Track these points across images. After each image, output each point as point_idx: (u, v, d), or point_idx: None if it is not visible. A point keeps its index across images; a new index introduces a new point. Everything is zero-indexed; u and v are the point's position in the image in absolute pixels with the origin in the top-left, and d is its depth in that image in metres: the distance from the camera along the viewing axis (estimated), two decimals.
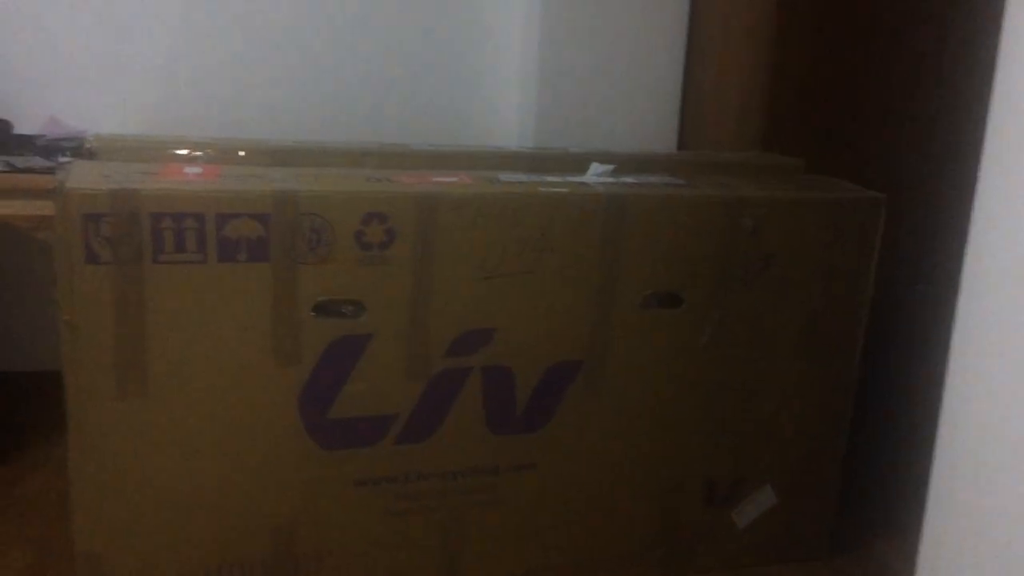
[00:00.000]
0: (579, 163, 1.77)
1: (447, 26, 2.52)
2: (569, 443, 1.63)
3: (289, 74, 2.45)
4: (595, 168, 1.71)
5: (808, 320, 1.71)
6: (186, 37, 2.36)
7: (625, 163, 1.77)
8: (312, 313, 1.47)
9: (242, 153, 1.69)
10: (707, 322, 1.65)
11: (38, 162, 1.86)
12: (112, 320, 1.41)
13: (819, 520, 1.86)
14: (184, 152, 1.70)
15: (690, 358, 1.66)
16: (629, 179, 1.68)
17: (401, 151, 1.79)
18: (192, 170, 1.55)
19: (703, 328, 1.65)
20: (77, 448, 1.43)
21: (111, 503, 1.45)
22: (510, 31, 2.51)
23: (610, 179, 1.67)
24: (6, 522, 1.84)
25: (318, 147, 1.79)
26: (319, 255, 1.45)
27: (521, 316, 1.55)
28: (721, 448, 1.74)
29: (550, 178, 1.65)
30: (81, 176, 1.43)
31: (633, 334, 1.61)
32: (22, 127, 2.20)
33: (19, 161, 1.85)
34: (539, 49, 2.35)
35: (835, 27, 2.49)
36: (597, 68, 2.38)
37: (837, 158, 2.27)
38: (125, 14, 2.31)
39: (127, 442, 1.44)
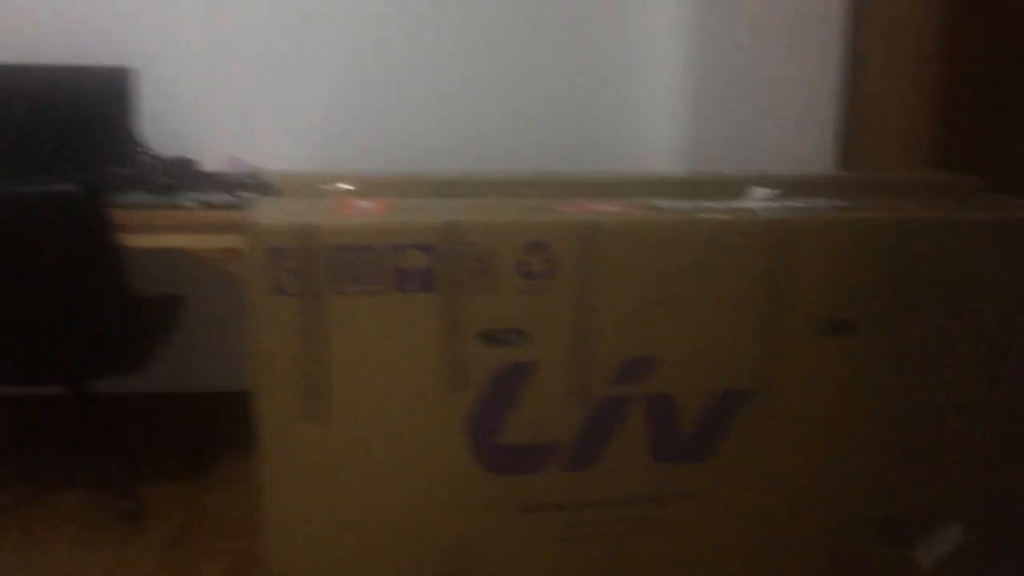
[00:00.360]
0: (737, 187, 1.74)
1: (597, 52, 2.55)
2: (736, 473, 1.60)
3: (448, 108, 2.54)
4: (756, 192, 1.68)
5: (990, 344, 1.61)
6: (352, 78, 2.49)
7: (786, 186, 1.73)
8: (477, 341, 1.51)
9: (407, 186, 1.76)
10: (882, 349, 1.59)
11: (223, 198, 2.01)
12: (297, 348, 1.49)
13: (1013, 560, 1.74)
14: (355, 187, 1.79)
15: (865, 387, 1.59)
16: (794, 203, 1.64)
17: (557, 179, 1.82)
18: (364, 204, 1.63)
19: (878, 356, 1.59)
20: (267, 470, 1.52)
21: (298, 525, 1.53)
22: (661, 51, 2.50)
23: (773, 203, 1.64)
24: (198, 536, 1.98)
25: (478, 177, 1.84)
26: (483, 284, 1.49)
27: (684, 344, 1.53)
28: (901, 482, 1.65)
29: (710, 204, 1.63)
30: (266, 213, 1.53)
31: (803, 362, 1.56)
32: (206, 165, 2.39)
33: (207, 198, 2.01)
34: (692, 70, 2.33)
35: (1013, 37, 2.35)
36: (751, 87, 2.34)
37: (1017, 175, 2.13)
38: (297, 59, 2.47)
39: (312, 465, 1.52)
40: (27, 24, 2.39)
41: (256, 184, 2.13)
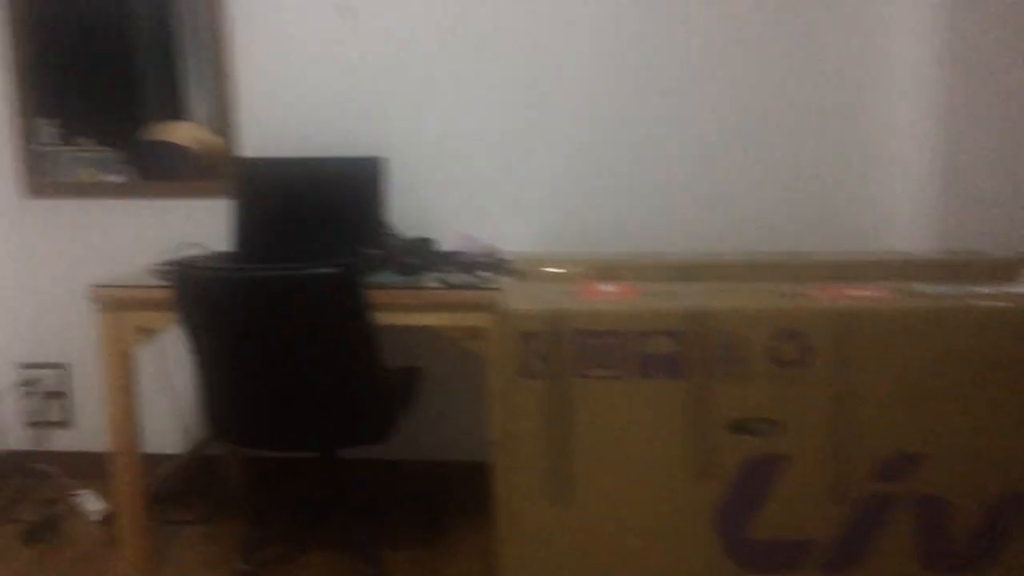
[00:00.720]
0: (1004, 268, 1.61)
1: (835, 130, 2.48)
2: None
3: (679, 187, 2.54)
4: None
5: None
6: (581, 159, 2.56)
7: None
8: (726, 430, 1.47)
9: (645, 268, 1.77)
10: None
11: (463, 278, 2.11)
12: (542, 429, 1.52)
13: None
14: (591, 268, 1.82)
15: None
16: None
17: (804, 260, 1.77)
18: (607, 288, 1.65)
19: None
20: (506, 549, 1.55)
21: None
22: (904, 127, 2.39)
23: None
24: None
25: (719, 259, 1.82)
26: (732, 372, 1.46)
27: (956, 441, 1.42)
28: None
29: (980, 288, 1.52)
30: (516, 297, 1.59)
31: None
32: (442, 244, 2.52)
33: (449, 278, 2.11)
34: (945, 145, 2.20)
35: None
36: (1006, 159, 2.17)
37: None
38: (527, 144, 2.57)
39: (553, 547, 1.53)
40: (295, 122, 2.65)
41: (493, 264, 2.22)
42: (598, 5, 2.51)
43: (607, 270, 1.79)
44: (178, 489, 2.71)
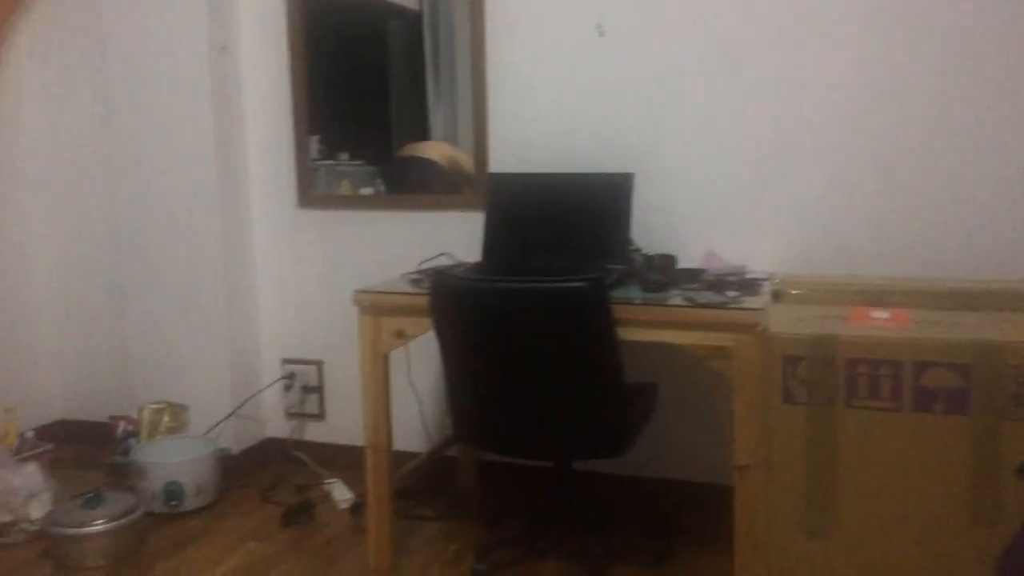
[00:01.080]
0: None
1: None
2: None
3: (946, 211, 2.37)
4: None
5: None
6: (836, 178, 2.45)
7: None
8: (1015, 474, 1.35)
9: (915, 294, 1.67)
10: None
11: (710, 296, 2.08)
12: (803, 459, 1.47)
13: None
14: (859, 293, 1.73)
15: None
16: None
17: None
18: (879, 314, 1.57)
19: None
20: None
21: None
22: None
23: None
24: None
25: (990, 287, 1.69)
26: None
27: None
28: None
29: None
30: (779, 319, 1.55)
31: None
32: (683, 261, 2.50)
33: (695, 295, 2.09)
34: None
35: None
36: None
37: None
38: (779, 158, 2.49)
39: None
40: (542, 138, 2.74)
41: (742, 283, 2.18)
42: (857, 21, 2.39)
43: (873, 295, 1.70)
44: (418, 486, 2.86)
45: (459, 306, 2.13)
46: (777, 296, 1.77)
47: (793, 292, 1.78)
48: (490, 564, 2.35)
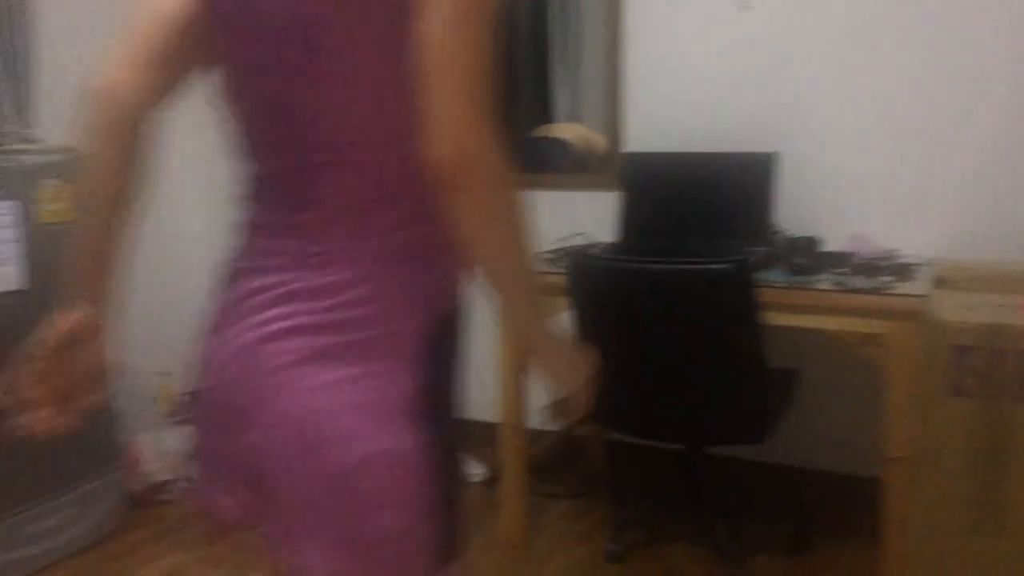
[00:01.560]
0: None
1: None
2: None
3: None
4: None
5: None
6: (1001, 157, 2.31)
7: None
8: None
9: None
10: None
11: (863, 281, 2.00)
12: (970, 453, 1.41)
13: None
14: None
15: None
16: None
17: None
18: None
19: None
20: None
21: None
22: None
23: None
24: None
25: None
26: None
27: None
28: None
29: None
30: (947, 307, 1.48)
31: None
32: (828, 244, 2.41)
33: (846, 280, 2.01)
34: None
35: None
36: None
37: None
38: (935, 137, 2.37)
39: None
40: (680, 117, 2.69)
41: (896, 268, 2.08)
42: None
43: None
44: (549, 464, 2.89)
45: (598, 286, 2.12)
46: (940, 282, 1.69)
47: (958, 278, 1.69)
48: (622, 544, 2.36)
